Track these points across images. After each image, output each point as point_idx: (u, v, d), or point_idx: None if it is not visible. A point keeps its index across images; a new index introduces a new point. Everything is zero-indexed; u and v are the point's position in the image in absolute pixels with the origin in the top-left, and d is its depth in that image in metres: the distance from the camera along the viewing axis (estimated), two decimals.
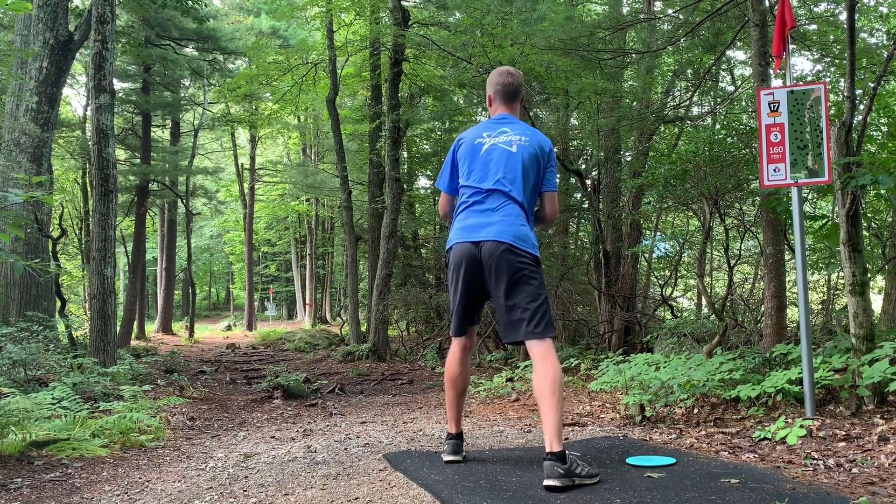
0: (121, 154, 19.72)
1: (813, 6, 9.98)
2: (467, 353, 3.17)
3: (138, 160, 18.45)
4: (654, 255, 10.38)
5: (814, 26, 9.51)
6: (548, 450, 2.65)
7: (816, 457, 3.08)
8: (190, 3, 14.08)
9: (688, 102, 10.37)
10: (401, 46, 10.99)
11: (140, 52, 16.06)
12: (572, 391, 6.06)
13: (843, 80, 6.32)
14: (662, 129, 10.79)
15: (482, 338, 9.88)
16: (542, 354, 2.82)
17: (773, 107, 3.94)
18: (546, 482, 2.60)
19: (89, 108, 14.63)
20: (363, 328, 13.65)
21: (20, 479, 3.43)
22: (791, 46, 5.16)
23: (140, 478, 3.46)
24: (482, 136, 3.08)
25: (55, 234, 9.60)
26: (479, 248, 2.92)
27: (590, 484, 2.66)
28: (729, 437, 3.65)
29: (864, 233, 5.96)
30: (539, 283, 2.90)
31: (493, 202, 2.96)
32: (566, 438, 3.85)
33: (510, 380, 6.58)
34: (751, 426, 3.82)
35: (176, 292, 32.24)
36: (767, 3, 6.21)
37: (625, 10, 10.79)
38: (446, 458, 3.11)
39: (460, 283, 3.00)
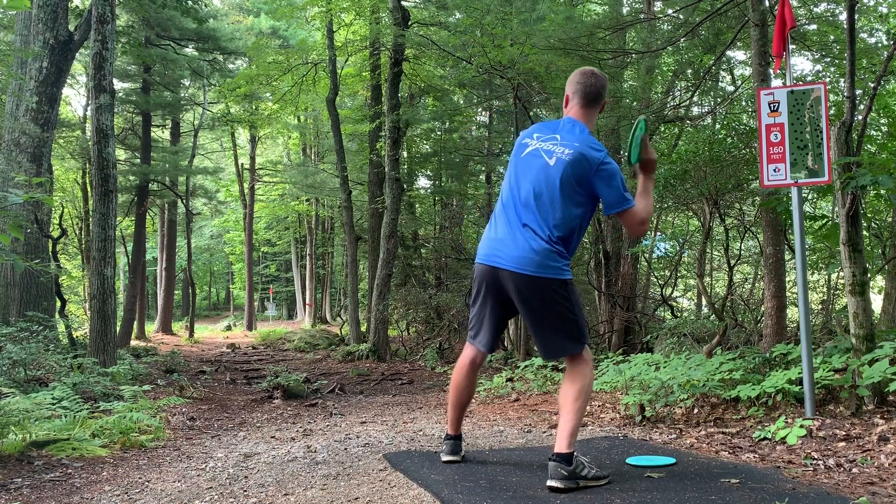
0: (121, 154, 19.70)
1: (813, 6, 9.97)
2: (477, 368, 3.08)
3: (138, 160, 18.44)
4: (654, 255, 10.37)
5: (814, 26, 9.51)
6: (555, 450, 2.60)
7: (816, 457, 3.08)
8: (190, 3, 14.08)
9: (688, 102, 10.37)
10: (401, 46, 10.99)
11: (140, 52, 16.05)
12: None
13: (843, 80, 6.32)
14: (662, 129, 10.78)
15: None
16: (572, 366, 2.79)
17: (773, 107, 3.94)
18: (549, 483, 2.58)
19: (89, 108, 14.63)
20: (363, 328, 13.65)
21: (20, 479, 3.43)
22: (791, 46, 5.16)
23: (140, 478, 3.46)
24: (532, 137, 2.91)
25: (55, 234, 9.60)
26: (500, 273, 2.79)
27: (596, 486, 2.63)
28: (729, 437, 3.65)
29: (864, 233, 5.96)
30: (567, 304, 2.74)
31: (520, 224, 2.77)
32: None
33: (510, 380, 6.58)
34: (751, 426, 3.82)
35: (176, 292, 32.23)
36: (767, 3, 6.21)
37: (625, 10, 10.79)
38: (445, 457, 3.10)
39: (487, 302, 2.91)
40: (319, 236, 26.36)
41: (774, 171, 3.92)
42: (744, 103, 9.68)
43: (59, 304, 8.53)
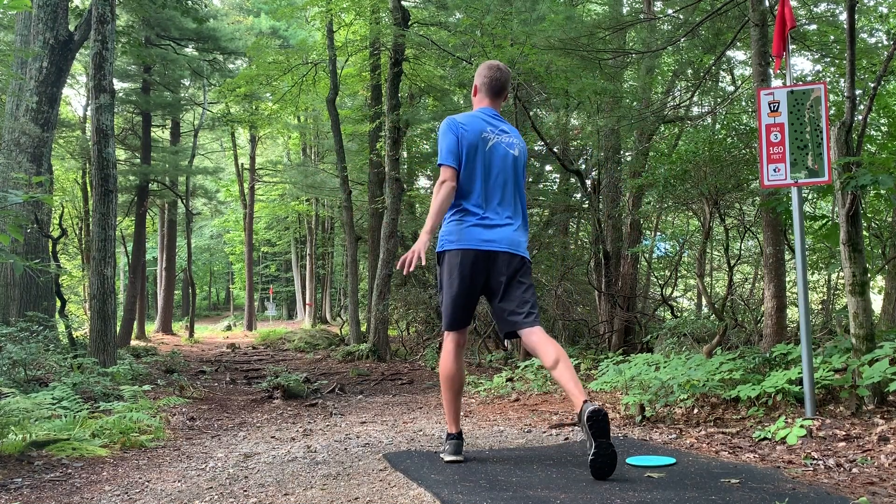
0: (121, 154, 19.70)
1: (813, 6, 9.97)
2: (462, 349, 3.26)
3: (138, 160, 18.44)
4: (654, 255, 10.38)
5: (814, 26, 9.51)
6: (585, 399, 2.78)
7: (816, 457, 3.08)
8: (190, 3, 14.08)
9: (688, 102, 10.37)
10: (401, 46, 10.99)
11: (140, 52, 16.05)
12: None
13: (843, 80, 6.32)
14: (662, 129, 10.79)
15: (482, 337, 9.88)
16: (545, 336, 3.03)
17: (773, 107, 3.94)
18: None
19: (89, 108, 14.63)
20: (363, 328, 13.65)
21: (20, 479, 3.43)
22: (791, 46, 5.16)
23: (140, 478, 3.46)
24: (486, 131, 3.16)
25: (55, 234, 9.59)
26: (492, 256, 3.08)
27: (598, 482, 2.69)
28: (729, 437, 3.65)
29: (864, 233, 5.96)
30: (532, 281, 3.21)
31: (503, 211, 3.12)
32: (566, 439, 3.85)
33: (510, 380, 6.58)
34: (751, 426, 3.82)
35: (176, 292, 32.23)
36: (767, 3, 6.21)
37: (625, 10, 10.78)
38: (448, 458, 3.09)
39: (468, 284, 3.11)
40: (319, 236, 26.36)
41: (774, 171, 3.92)
42: (744, 103, 9.68)
43: (59, 304, 8.52)
